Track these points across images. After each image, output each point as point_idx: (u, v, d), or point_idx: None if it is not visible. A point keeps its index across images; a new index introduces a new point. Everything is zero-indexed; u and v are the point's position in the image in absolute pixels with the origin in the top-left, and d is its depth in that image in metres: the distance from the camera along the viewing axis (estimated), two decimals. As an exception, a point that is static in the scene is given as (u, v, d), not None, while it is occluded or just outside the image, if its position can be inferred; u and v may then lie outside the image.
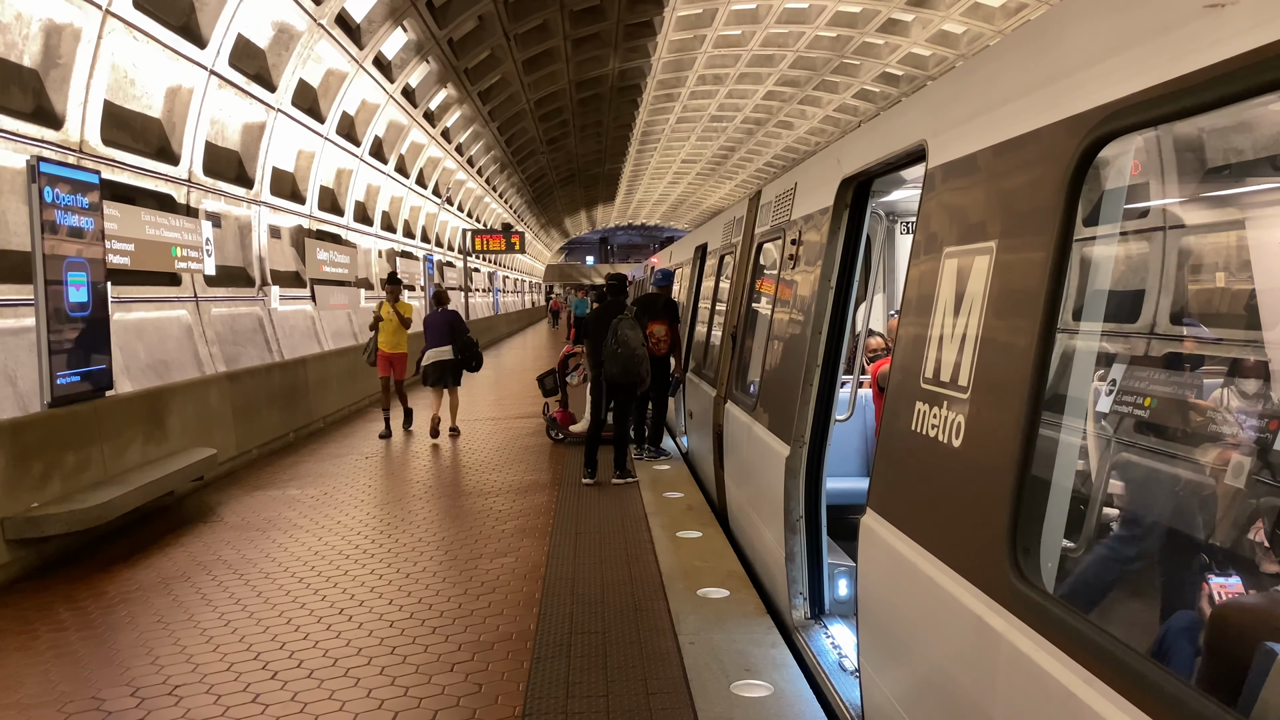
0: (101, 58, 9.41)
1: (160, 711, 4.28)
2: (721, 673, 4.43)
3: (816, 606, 5.04)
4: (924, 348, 3.18)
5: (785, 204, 6.29)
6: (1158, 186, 4.00)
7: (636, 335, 8.75)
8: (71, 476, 7.22)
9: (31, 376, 7.56)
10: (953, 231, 3.11)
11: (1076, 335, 3.03)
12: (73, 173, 7.62)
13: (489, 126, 27.96)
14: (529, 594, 5.80)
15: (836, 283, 4.87)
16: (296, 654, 4.93)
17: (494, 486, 9.07)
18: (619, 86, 29.39)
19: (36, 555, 6.66)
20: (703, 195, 59.72)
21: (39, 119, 8.80)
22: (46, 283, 7.08)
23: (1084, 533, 3.52)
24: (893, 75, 27.99)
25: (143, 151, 10.89)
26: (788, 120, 36.28)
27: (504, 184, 38.01)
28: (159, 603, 5.83)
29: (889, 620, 3.36)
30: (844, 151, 4.98)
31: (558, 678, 4.52)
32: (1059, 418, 2.72)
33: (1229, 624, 2.45)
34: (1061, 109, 2.44)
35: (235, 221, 13.89)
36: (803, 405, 4.98)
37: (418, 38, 18.56)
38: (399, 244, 24.90)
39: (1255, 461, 3.11)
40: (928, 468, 3.04)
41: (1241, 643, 2.19)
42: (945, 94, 3.64)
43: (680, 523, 7.29)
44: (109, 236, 8.59)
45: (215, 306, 12.53)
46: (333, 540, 7.20)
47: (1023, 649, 2.27)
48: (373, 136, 19.71)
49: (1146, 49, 2.11)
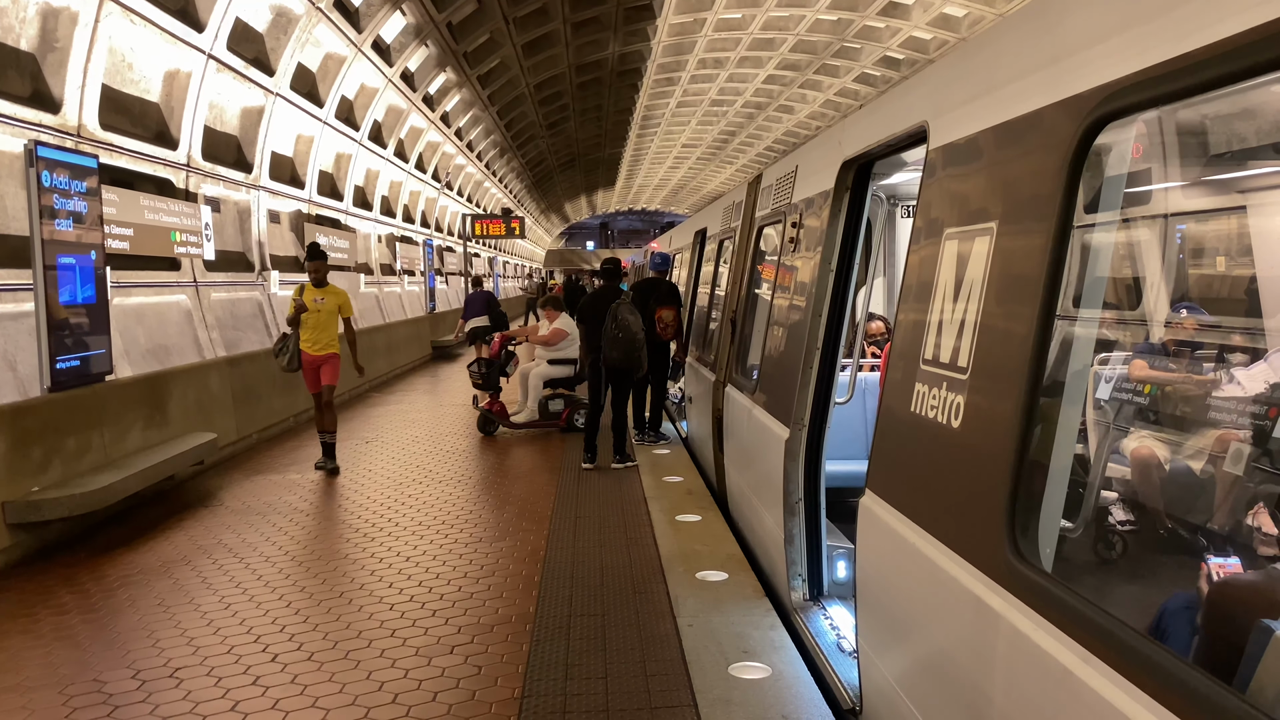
0: (99, 41, 9.36)
1: (161, 694, 4.30)
2: (720, 654, 4.45)
3: (815, 588, 5.06)
4: (924, 328, 3.17)
5: (785, 187, 6.27)
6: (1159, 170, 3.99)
7: (637, 319, 8.75)
8: (72, 461, 7.23)
9: (31, 361, 7.56)
10: (954, 212, 3.10)
11: (1076, 320, 3.02)
12: (71, 157, 7.59)
13: (489, 111, 27.85)
14: (529, 577, 5.82)
15: (837, 266, 4.86)
16: (297, 637, 4.95)
17: (494, 470, 9.08)
18: (619, 70, 29.27)
19: (37, 539, 6.68)
20: (703, 180, 59.56)
21: (36, 103, 8.76)
22: (45, 267, 7.07)
23: (1082, 514, 3.52)
24: (893, 59, 27.85)
25: (141, 136, 10.84)
26: (788, 104, 36.14)
27: (504, 169, 37.90)
28: (160, 586, 5.84)
29: (888, 601, 3.37)
30: (845, 134, 4.97)
31: (557, 660, 4.54)
32: (1058, 399, 2.72)
33: (1226, 601, 2.46)
34: (1063, 89, 2.42)
35: (234, 206, 13.86)
36: (802, 388, 4.98)
37: (417, 21, 18.46)
38: (398, 229, 24.85)
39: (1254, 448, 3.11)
40: (927, 449, 3.04)
41: (1238, 620, 2.20)
42: (946, 75, 3.62)
43: (680, 506, 7.31)
44: (108, 221, 8.57)
45: (215, 291, 12.51)
46: (333, 525, 7.21)
47: (1021, 629, 2.27)
48: (372, 121, 19.64)
49: (1148, 28, 2.10)
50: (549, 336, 11.06)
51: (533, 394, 10.99)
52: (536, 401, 10.99)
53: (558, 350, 11.04)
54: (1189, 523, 3.45)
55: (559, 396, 11.14)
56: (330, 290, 9.24)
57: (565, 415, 11.10)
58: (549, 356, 11.08)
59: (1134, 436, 3.85)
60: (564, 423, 11.08)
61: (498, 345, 11.31)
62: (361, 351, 9.91)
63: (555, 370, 11.06)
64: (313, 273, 9.25)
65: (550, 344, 11.04)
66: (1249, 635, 2.06)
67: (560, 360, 11.06)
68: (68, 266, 7.37)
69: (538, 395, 11.00)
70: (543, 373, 11.01)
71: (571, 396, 11.24)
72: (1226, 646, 2.22)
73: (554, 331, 11.06)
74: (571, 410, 11.10)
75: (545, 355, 11.12)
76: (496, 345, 11.33)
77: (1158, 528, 3.55)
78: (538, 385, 11.01)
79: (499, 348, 11.25)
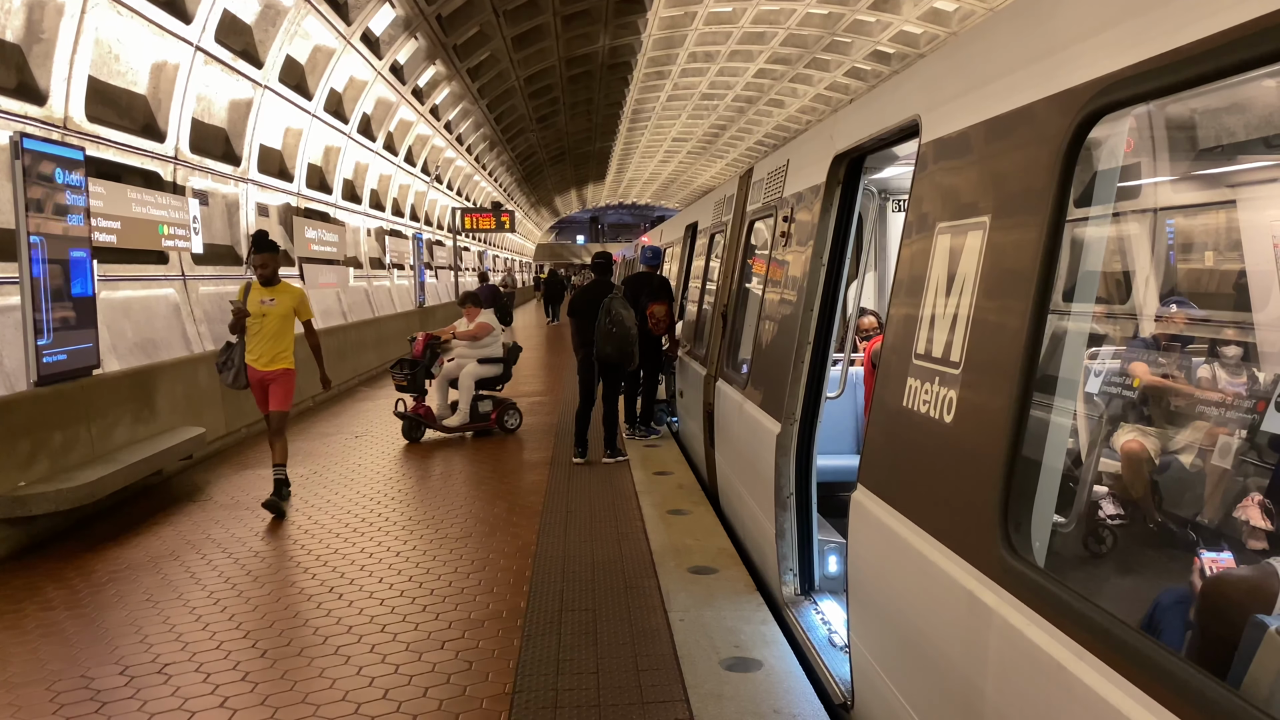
0: (85, 32, 9.29)
1: (149, 690, 4.28)
2: (711, 649, 4.45)
3: (806, 583, 5.06)
4: (916, 322, 3.17)
5: (777, 181, 6.26)
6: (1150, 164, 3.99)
7: (630, 314, 8.74)
8: (59, 455, 7.18)
9: (17, 355, 7.50)
10: (946, 206, 3.09)
11: (1068, 315, 3.02)
12: (57, 149, 7.53)
13: (478, 104, 27.77)
14: (520, 572, 5.81)
15: (828, 260, 4.85)
16: (286, 632, 4.92)
17: (484, 465, 9.07)
18: (609, 64, 29.22)
19: (24, 535, 6.63)
20: (694, 174, 59.56)
21: (22, 95, 8.69)
22: (31, 261, 7.01)
23: (1074, 508, 3.53)
24: (884, 53, 27.88)
25: (128, 128, 10.77)
26: (779, 98, 36.16)
27: (493, 162, 37.80)
28: (148, 581, 5.81)
29: (879, 595, 3.37)
30: (836, 128, 4.96)
31: (548, 655, 4.53)
32: (1050, 394, 2.72)
33: (1219, 597, 2.46)
34: (1056, 83, 2.42)
35: (223, 199, 13.78)
36: (794, 383, 4.98)
37: (406, 14, 18.38)
38: (388, 222, 24.77)
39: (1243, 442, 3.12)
40: (919, 443, 3.03)
41: (1231, 615, 2.20)
42: (939, 68, 3.61)
43: (671, 501, 7.30)
44: (95, 214, 8.51)
45: (203, 285, 12.44)
46: (323, 519, 7.18)
47: (1013, 623, 2.27)
48: (361, 114, 19.56)
49: (1141, 22, 2.09)
50: (475, 331, 10.63)
51: (465, 395, 10.51)
52: (469, 403, 10.53)
53: (484, 348, 10.65)
54: (1179, 516, 3.46)
55: (486, 397, 10.70)
56: (283, 290, 7.53)
57: (495, 416, 10.68)
58: (478, 355, 10.64)
59: (1124, 431, 3.86)
60: (494, 424, 10.66)
61: (421, 345, 10.56)
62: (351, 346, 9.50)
63: (485, 370, 10.62)
64: (260, 268, 7.49)
65: (478, 339, 10.62)
66: (1242, 630, 2.07)
67: (488, 359, 10.66)
68: (54, 260, 7.31)
69: (470, 396, 10.53)
70: (473, 372, 10.52)
71: (497, 397, 10.85)
72: (1219, 641, 2.23)
73: (480, 325, 10.67)
74: (500, 411, 10.72)
75: (473, 354, 10.64)
76: (420, 345, 10.57)
77: (1148, 522, 3.57)
78: (470, 386, 10.51)
79: (423, 348, 10.52)
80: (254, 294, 7.42)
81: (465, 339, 10.64)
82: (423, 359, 10.42)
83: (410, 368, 10.38)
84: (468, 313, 10.89)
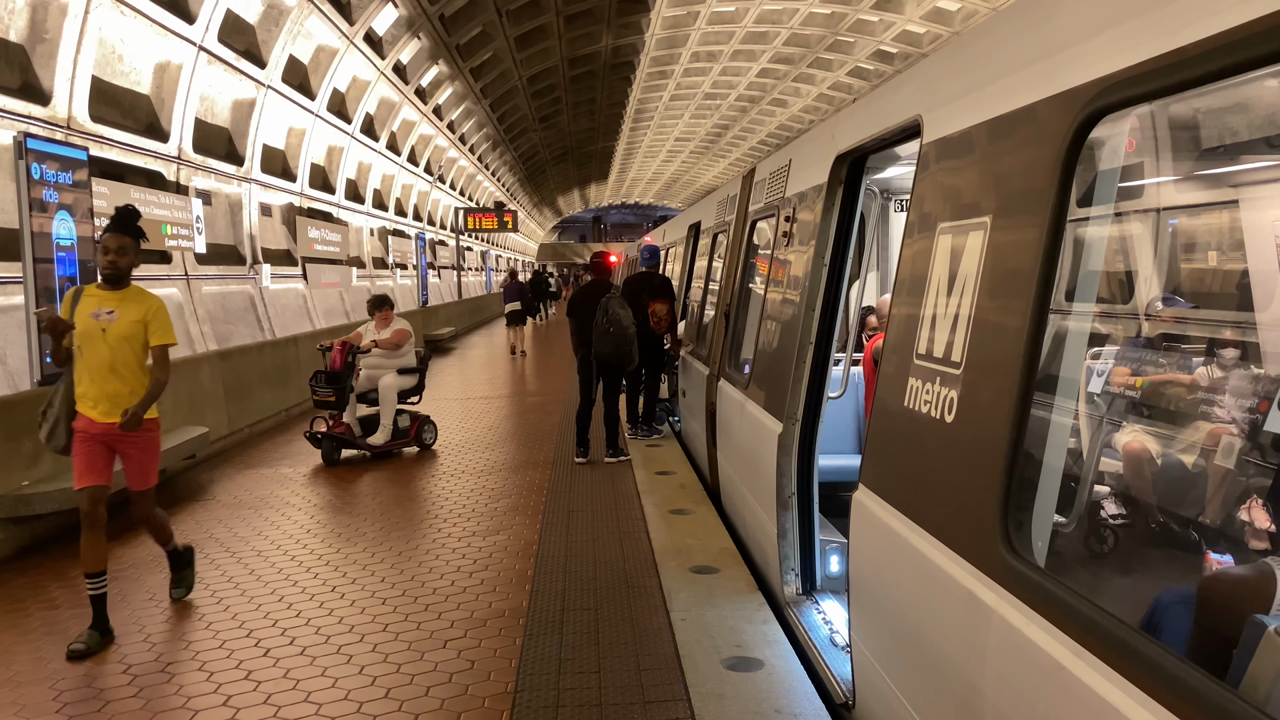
0: (89, 33, 9.31)
1: (153, 689, 4.29)
2: (713, 648, 4.45)
3: (808, 583, 5.06)
4: (918, 322, 3.17)
5: (779, 181, 6.26)
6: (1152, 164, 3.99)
7: (628, 314, 8.74)
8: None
9: (21, 355, 7.53)
10: (948, 206, 3.09)
11: (1069, 315, 3.02)
12: (60, 149, 7.55)
13: (481, 104, 27.79)
14: (522, 571, 5.81)
15: (830, 260, 4.85)
16: (289, 631, 4.93)
17: (487, 464, 9.07)
18: (612, 64, 29.23)
19: (28, 533, 6.65)
20: (696, 174, 59.55)
21: (26, 95, 8.71)
22: (35, 260, 7.03)
23: (1075, 508, 3.53)
24: (887, 53, 27.88)
25: (131, 128, 10.79)
26: (781, 98, 36.14)
27: (496, 162, 37.83)
28: (151, 580, 5.82)
29: (880, 595, 3.37)
30: (838, 127, 4.96)
31: (550, 654, 4.53)
32: (1051, 393, 2.72)
33: (1218, 596, 2.46)
34: (1057, 83, 2.42)
35: (226, 199, 13.81)
36: (796, 382, 4.98)
37: (409, 13, 18.39)
38: (390, 222, 24.79)
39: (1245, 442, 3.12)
40: (920, 443, 3.04)
41: (1230, 615, 2.20)
42: (941, 69, 3.61)
43: (673, 500, 7.31)
44: (98, 214, 8.52)
45: (206, 284, 12.47)
46: (325, 518, 7.19)
47: (1014, 623, 2.28)
48: (364, 113, 19.58)
49: (1142, 22, 2.09)
50: (395, 339, 9.55)
51: (388, 409, 9.48)
52: (391, 418, 9.51)
53: (401, 356, 9.64)
54: (1180, 516, 3.46)
55: (403, 411, 9.71)
56: (133, 297, 4.98)
57: (414, 430, 9.70)
58: (396, 365, 9.62)
59: (1125, 430, 3.86)
60: (413, 439, 9.70)
61: (339, 355, 9.26)
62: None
63: (404, 381, 9.65)
64: (107, 264, 4.87)
65: (399, 347, 9.57)
66: (1241, 630, 2.07)
67: (406, 369, 9.70)
68: (58, 259, 7.32)
69: (393, 410, 9.52)
70: (393, 384, 9.47)
71: (413, 411, 9.90)
72: (1218, 641, 2.23)
73: (398, 333, 9.62)
74: (418, 426, 9.74)
75: (390, 364, 9.58)
76: (338, 355, 9.26)
77: (1149, 522, 3.56)
78: (392, 399, 9.48)
79: (341, 358, 9.24)
80: (86, 302, 4.87)
81: (386, 348, 9.51)
82: (341, 370, 9.24)
83: (333, 382, 9.14)
84: (380, 318, 9.74)
